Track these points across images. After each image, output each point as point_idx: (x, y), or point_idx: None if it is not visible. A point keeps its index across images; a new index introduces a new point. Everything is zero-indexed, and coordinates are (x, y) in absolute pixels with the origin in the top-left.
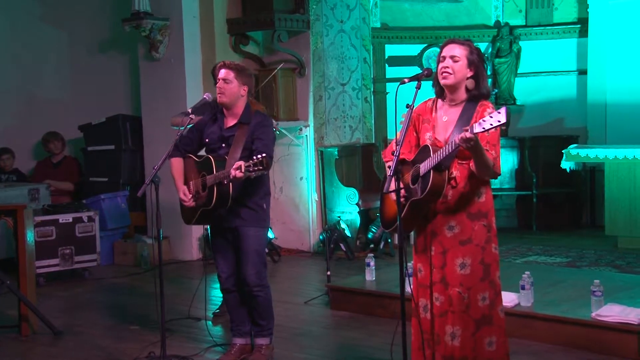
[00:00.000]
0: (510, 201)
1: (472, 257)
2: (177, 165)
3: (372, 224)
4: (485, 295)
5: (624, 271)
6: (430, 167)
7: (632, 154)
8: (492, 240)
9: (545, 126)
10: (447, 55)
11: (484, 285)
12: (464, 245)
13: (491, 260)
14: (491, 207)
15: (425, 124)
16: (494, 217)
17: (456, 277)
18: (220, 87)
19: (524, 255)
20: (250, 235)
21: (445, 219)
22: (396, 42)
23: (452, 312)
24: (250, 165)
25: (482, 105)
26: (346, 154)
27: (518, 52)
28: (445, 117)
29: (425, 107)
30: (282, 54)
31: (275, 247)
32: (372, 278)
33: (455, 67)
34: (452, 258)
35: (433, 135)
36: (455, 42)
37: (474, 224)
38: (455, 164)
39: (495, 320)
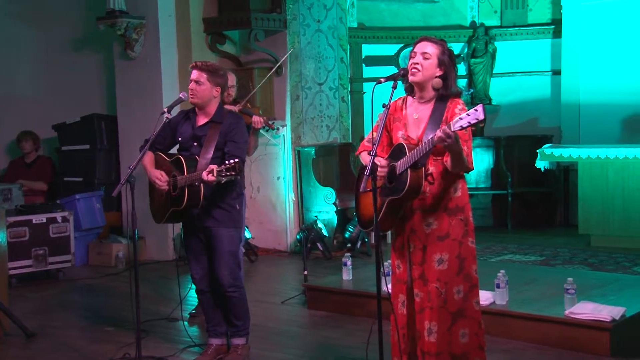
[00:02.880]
0: (486, 200)
1: (449, 252)
2: (148, 157)
3: (349, 224)
4: (460, 289)
5: (597, 269)
6: (408, 165)
7: (604, 153)
8: (469, 235)
9: (520, 126)
10: (419, 52)
11: (459, 279)
12: (442, 241)
13: (467, 254)
14: (467, 201)
15: (397, 122)
16: (470, 211)
17: (434, 273)
18: (192, 88)
19: (499, 253)
20: (223, 236)
21: (424, 216)
22: (373, 42)
23: (430, 308)
24: (223, 170)
25: (453, 102)
26: (323, 154)
27: (493, 52)
28: (416, 114)
29: (395, 106)
30: (259, 54)
31: (252, 246)
32: (349, 277)
33: (424, 64)
34: (430, 254)
35: (406, 133)
36: (428, 40)
37: (451, 219)
38: (430, 161)
39: (468, 313)
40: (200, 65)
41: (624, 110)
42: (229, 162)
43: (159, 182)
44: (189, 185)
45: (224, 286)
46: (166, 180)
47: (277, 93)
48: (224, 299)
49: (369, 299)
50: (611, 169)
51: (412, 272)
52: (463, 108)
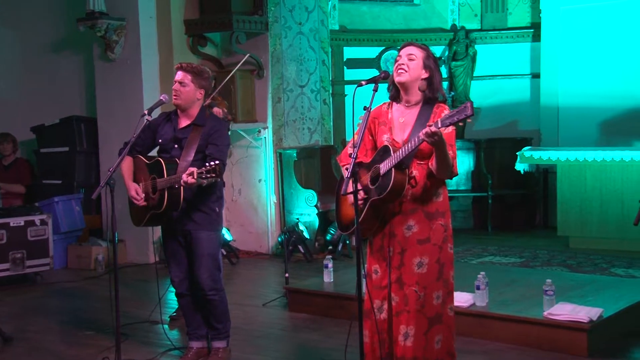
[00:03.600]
0: (467, 202)
1: (429, 256)
2: (126, 163)
3: (330, 226)
4: (439, 294)
5: (575, 271)
6: (392, 165)
7: (582, 156)
8: (448, 240)
9: (500, 128)
10: (404, 54)
11: (439, 284)
12: (422, 245)
13: (446, 260)
14: (448, 207)
15: (382, 126)
16: (450, 218)
17: (413, 276)
18: (175, 89)
19: (480, 255)
20: (203, 239)
21: (404, 219)
22: (354, 45)
23: (408, 312)
24: (203, 172)
25: (440, 107)
26: (305, 156)
27: (474, 55)
28: (402, 118)
29: (380, 111)
30: (240, 56)
31: (233, 249)
32: (330, 280)
33: (410, 65)
34: (409, 257)
35: (391, 137)
36: (412, 45)
37: (432, 224)
38: (414, 164)
39: (444, 319)
40: (185, 66)
41: (601, 113)
42: (210, 164)
43: (135, 201)
44: (169, 188)
45: (204, 289)
46: (142, 197)
47: (259, 95)
48: (204, 302)
49: (350, 301)
50: (589, 172)
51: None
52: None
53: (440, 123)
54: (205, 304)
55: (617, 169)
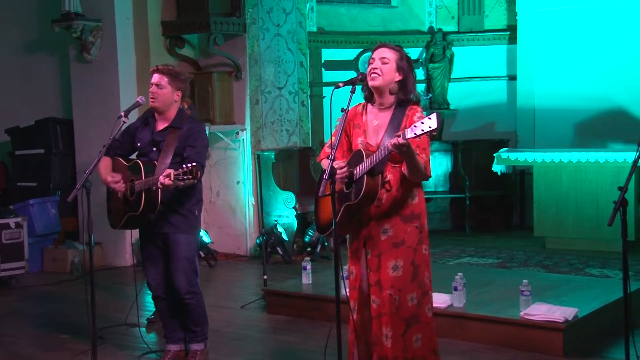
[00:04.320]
0: (444, 204)
1: (404, 259)
2: (104, 164)
3: (309, 228)
4: (414, 296)
5: (551, 271)
6: (364, 172)
7: (558, 157)
8: (423, 242)
9: (477, 130)
10: (377, 57)
11: (413, 286)
12: (397, 248)
13: (421, 262)
14: (423, 209)
15: (356, 128)
16: (425, 219)
17: (388, 280)
18: (152, 92)
19: (457, 256)
20: (181, 242)
21: (380, 223)
22: (332, 47)
23: (385, 315)
24: (180, 174)
25: (412, 109)
26: (283, 158)
27: (451, 57)
28: (376, 121)
29: (355, 112)
30: (218, 58)
31: (211, 251)
32: (309, 281)
33: (383, 69)
34: (385, 261)
35: (365, 140)
36: (386, 46)
37: (407, 227)
38: (388, 168)
39: (422, 319)
40: (162, 69)
41: (577, 115)
42: (186, 165)
43: (113, 185)
44: (146, 190)
45: (180, 293)
46: (120, 178)
47: (237, 97)
48: (181, 306)
49: (328, 303)
50: (565, 173)
51: (369, 278)
52: (421, 116)
53: (407, 133)
54: (183, 307)
55: (592, 170)
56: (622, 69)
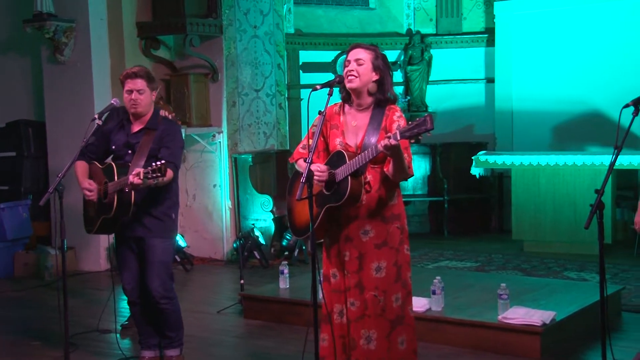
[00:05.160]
0: (423, 207)
1: (387, 260)
2: (81, 166)
3: (286, 231)
4: (399, 296)
5: (529, 274)
6: (349, 173)
7: (536, 160)
8: (404, 242)
9: (455, 133)
10: (352, 59)
11: (397, 287)
12: (379, 249)
13: (403, 262)
14: (403, 210)
15: (334, 129)
16: (405, 219)
17: (372, 281)
18: (135, 98)
19: (436, 260)
20: (156, 246)
21: (360, 224)
22: (310, 49)
23: (368, 317)
24: (149, 172)
25: (391, 109)
26: (260, 161)
27: (429, 60)
28: (355, 122)
29: (332, 113)
30: (194, 59)
31: (187, 255)
32: (286, 286)
33: (360, 70)
34: (368, 262)
35: (344, 141)
36: (360, 47)
37: (388, 227)
38: (368, 169)
39: (406, 320)
40: (140, 73)
41: (554, 118)
42: (155, 163)
43: (87, 193)
44: (119, 192)
45: (155, 298)
46: (95, 189)
47: (213, 99)
48: (156, 311)
49: (305, 307)
50: (543, 176)
51: (346, 280)
52: (401, 115)
53: (399, 135)
54: (158, 312)
55: (570, 173)
56: (600, 72)
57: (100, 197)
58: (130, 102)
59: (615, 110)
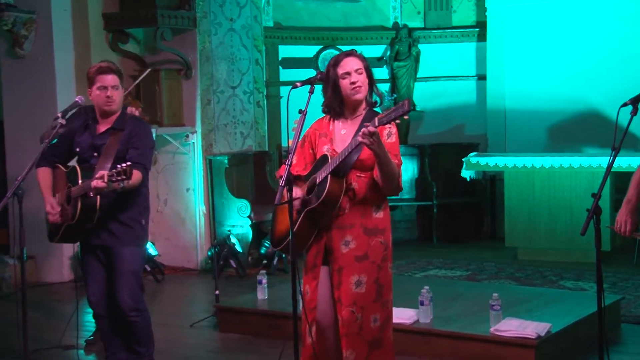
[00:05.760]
0: (410, 212)
1: (367, 274)
2: (44, 175)
3: (264, 239)
4: (377, 317)
5: (523, 284)
6: (329, 171)
7: (530, 162)
8: (387, 259)
9: (445, 133)
10: (352, 70)
11: (377, 306)
12: (360, 262)
13: (386, 281)
14: (388, 225)
15: (322, 137)
16: (390, 236)
17: (350, 296)
18: (111, 95)
19: (424, 269)
20: (125, 255)
21: (341, 234)
22: (290, 43)
23: (346, 335)
24: (113, 175)
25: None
26: (237, 163)
27: (417, 55)
28: (344, 130)
29: (321, 122)
30: (166, 54)
31: (158, 265)
32: (265, 297)
33: (362, 81)
34: (347, 275)
35: (331, 147)
36: (353, 55)
37: (370, 240)
38: (354, 176)
39: (385, 344)
40: (114, 68)
41: (550, 117)
42: (120, 165)
43: (49, 214)
44: (83, 197)
45: (124, 310)
46: (58, 212)
47: (187, 97)
48: (124, 324)
49: (285, 320)
50: (537, 179)
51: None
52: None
53: (377, 122)
54: (126, 326)
55: (566, 176)
56: (597, 69)
57: (63, 204)
58: (105, 99)
59: (614, 109)
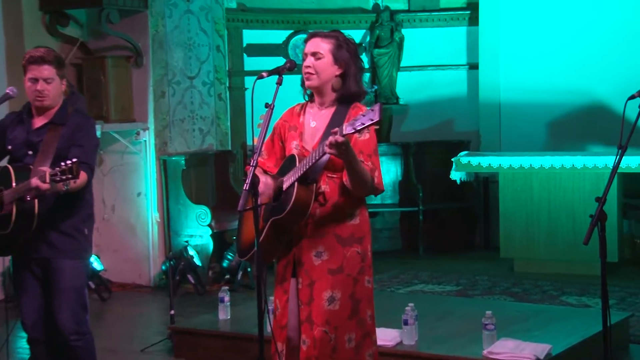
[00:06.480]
0: (393, 219)
1: (342, 289)
2: None
3: (227, 250)
4: (352, 337)
5: (520, 299)
6: (295, 179)
7: (528, 162)
8: (365, 272)
9: (432, 129)
10: (309, 52)
11: (352, 325)
12: (333, 275)
13: (363, 296)
14: (367, 232)
15: (292, 131)
16: (369, 245)
17: (322, 314)
18: (41, 89)
19: (409, 283)
20: (65, 269)
21: (312, 244)
22: (256, 27)
23: (317, 358)
24: (57, 174)
25: (355, 108)
26: (196, 164)
27: (400, 41)
28: (314, 122)
29: (292, 113)
30: (113, 39)
31: (104, 281)
32: (227, 316)
33: (318, 66)
34: (319, 290)
35: (300, 144)
36: (318, 36)
37: (345, 250)
38: (324, 177)
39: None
40: (49, 57)
41: (550, 111)
42: (65, 163)
43: None
44: (18, 201)
45: (64, 334)
46: None
47: (137, 88)
48: (65, 350)
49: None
50: (536, 181)
51: (299, 313)
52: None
53: (344, 130)
54: (67, 351)
55: (568, 178)
56: (603, 58)
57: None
58: (34, 93)
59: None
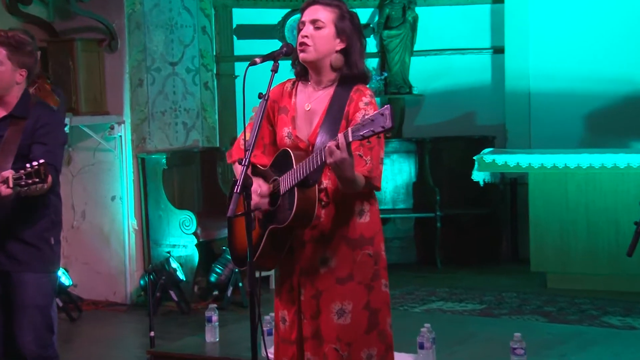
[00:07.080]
0: (407, 226)
1: (353, 300)
2: None
3: (216, 262)
4: (373, 353)
5: (554, 320)
6: (294, 184)
7: (562, 161)
8: (380, 275)
9: (450, 123)
10: (308, 20)
11: (371, 339)
12: (342, 285)
13: (381, 304)
14: (378, 230)
15: (282, 114)
16: (382, 243)
17: (332, 329)
18: None
19: (425, 301)
20: (28, 284)
21: (317, 250)
22: (248, 6)
23: None
24: (22, 177)
25: (357, 91)
26: (179, 163)
27: (414, 21)
28: (309, 105)
29: (282, 91)
30: (82, 19)
31: (73, 298)
32: (215, 339)
33: (317, 37)
34: (326, 303)
35: (293, 132)
36: (319, 3)
37: (355, 254)
38: (326, 172)
39: None
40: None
41: (588, 102)
42: (31, 165)
43: None
44: None
45: (27, 357)
46: None
47: (111, 76)
48: None
49: None
50: (572, 183)
51: (302, 328)
52: (371, 102)
53: (349, 136)
54: None
55: (610, 179)
56: None
57: None
58: None
59: None
